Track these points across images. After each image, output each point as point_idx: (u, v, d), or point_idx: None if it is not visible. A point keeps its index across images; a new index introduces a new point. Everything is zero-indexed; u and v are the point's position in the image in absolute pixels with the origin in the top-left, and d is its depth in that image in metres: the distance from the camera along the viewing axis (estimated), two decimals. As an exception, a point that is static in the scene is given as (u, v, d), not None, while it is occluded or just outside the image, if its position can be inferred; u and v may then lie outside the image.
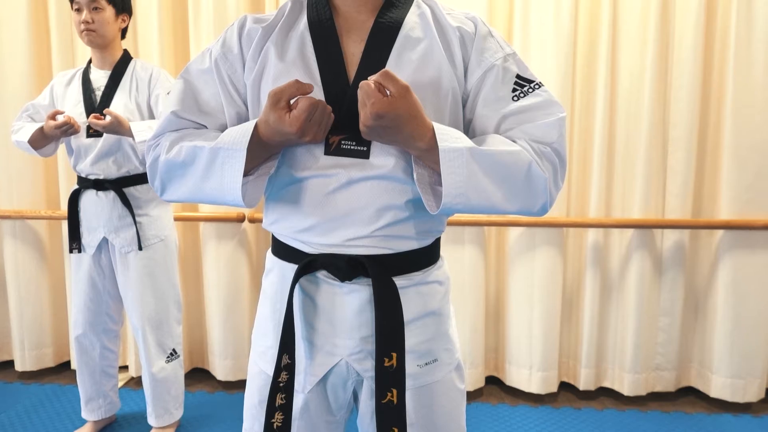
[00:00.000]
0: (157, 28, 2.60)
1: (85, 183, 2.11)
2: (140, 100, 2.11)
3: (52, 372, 2.88)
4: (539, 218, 2.37)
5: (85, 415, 2.29)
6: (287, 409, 0.94)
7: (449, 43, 0.95)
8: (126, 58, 2.14)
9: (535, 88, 0.94)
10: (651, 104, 2.40)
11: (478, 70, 0.94)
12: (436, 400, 1.00)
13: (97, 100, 2.08)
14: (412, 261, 0.97)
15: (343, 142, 0.91)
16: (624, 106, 2.46)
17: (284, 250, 0.99)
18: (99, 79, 2.11)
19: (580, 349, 2.60)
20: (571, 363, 2.68)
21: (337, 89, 0.92)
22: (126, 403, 2.53)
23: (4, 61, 2.69)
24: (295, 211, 0.95)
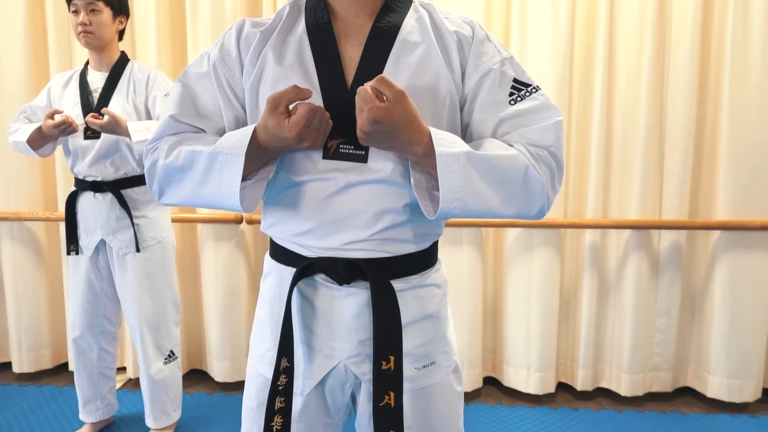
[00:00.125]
0: (155, 29, 2.60)
1: (83, 185, 2.10)
2: (137, 102, 2.11)
3: (50, 374, 2.87)
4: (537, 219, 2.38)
5: (83, 417, 2.29)
6: (286, 413, 0.95)
7: (447, 48, 0.95)
8: (123, 60, 2.14)
9: (532, 92, 0.95)
10: (648, 106, 2.41)
11: (475, 74, 0.95)
12: (434, 403, 1.00)
13: (95, 102, 2.08)
14: (410, 264, 0.97)
15: (341, 146, 0.91)
16: (621, 107, 2.46)
17: (282, 253, 1.00)
18: (96, 80, 2.11)
19: (578, 350, 2.61)
20: (568, 363, 2.68)
21: (336, 93, 0.92)
22: (124, 405, 2.52)
23: (1, 63, 2.68)
24: (293, 215, 0.95)
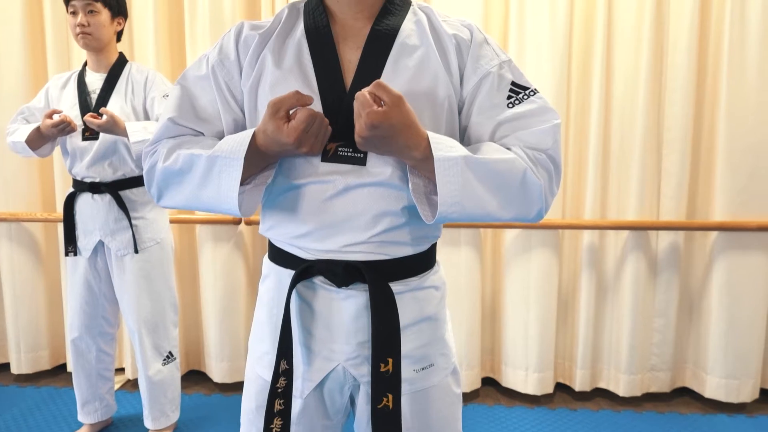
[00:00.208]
0: (153, 31, 2.60)
1: (81, 186, 2.10)
2: (136, 103, 2.11)
3: (48, 375, 2.87)
4: (535, 220, 2.39)
5: (82, 418, 2.29)
6: (286, 415, 0.95)
7: (445, 51, 0.95)
8: (121, 61, 2.14)
9: (530, 95, 0.95)
10: (645, 107, 2.41)
11: (473, 78, 0.95)
12: (433, 405, 1.01)
13: (93, 103, 2.08)
14: (409, 267, 0.98)
15: (340, 149, 0.91)
16: (619, 108, 2.47)
17: (281, 255, 1.00)
18: (94, 82, 2.11)
19: (576, 350, 2.61)
20: (566, 364, 2.69)
21: (334, 96, 0.92)
22: (122, 406, 2.52)
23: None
24: (292, 218, 0.95)
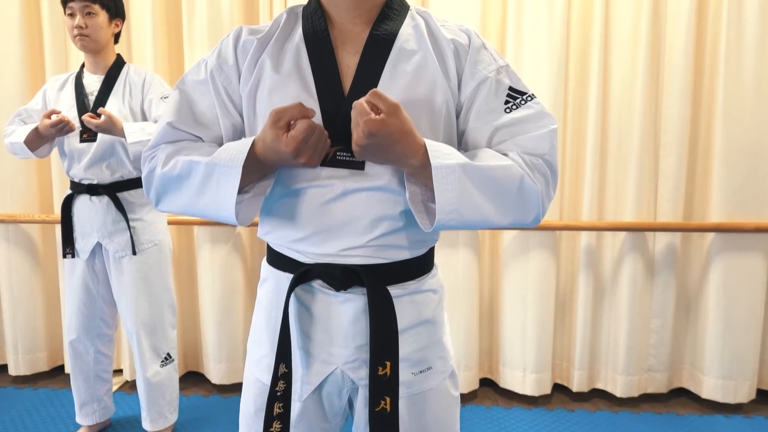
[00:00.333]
0: (151, 32, 2.59)
1: (79, 188, 2.10)
2: (133, 105, 2.11)
3: (46, 376, 2.87)
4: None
5: (80, 420, 2.29)
6: (285, 418, 0.95)
7: (443, 56, 0.95)
8: (119, 63, 2.14)
9: (527, 100, 0.95)
10: (643, 108, 2.42)
11: (471, 83, 0.95)
12: (431, 408, 1.01)
13: (91, 105, 2.08)
14: (407, 270, 0.98)
15: (338, 153, 0.91)
16: (616, 110, 2.48)
17: (279, 259, 1.00)
18: (92, 83, 2.11)
19: (574, 351, 2.62)
20: (564, 365, 2.70)
21: (333, 101, 0.92)
22: (120, 408, 2.52)
23: (-3, 65, 2.68)
24: (290, 221, 0.95)
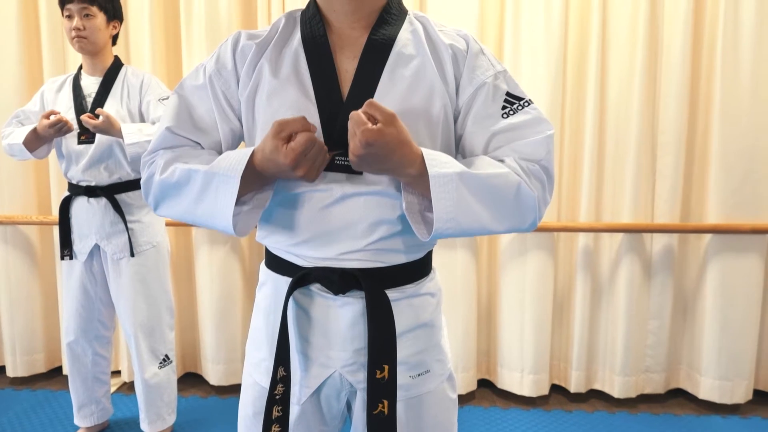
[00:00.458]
0: (149, 34, 2.59)
1: (77, 190, 2.10)
2: (131, 107, 2.11)
3: (44, 377, 2.87)
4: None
5: (78, 422, 2.29)
6: (284, 422, 0.95)
7: (441, 61, 0.96)
8: (117, 65, 2.14)
9: (524, 106, 0.96)
10: (640, 110, 2.43)
11: (469, 88, 0.95)
12: (429, 411, 1.01)
13: (88, 107, 2.08)
14: (405, 274, 0.98)
15: (336, 158, 0.91)
16: (614, 111, 2.48)
17: (278, 263, 1.00)
18: (90, 85, 2.11)
19: (571, 352, 2.63)
20: (562, 366, 2.70)
21: (331, 106, 0.93)
22: (119, 409, 2.52)
23: (-5, 67, 2.68)
24: (288, 226, 0.96)
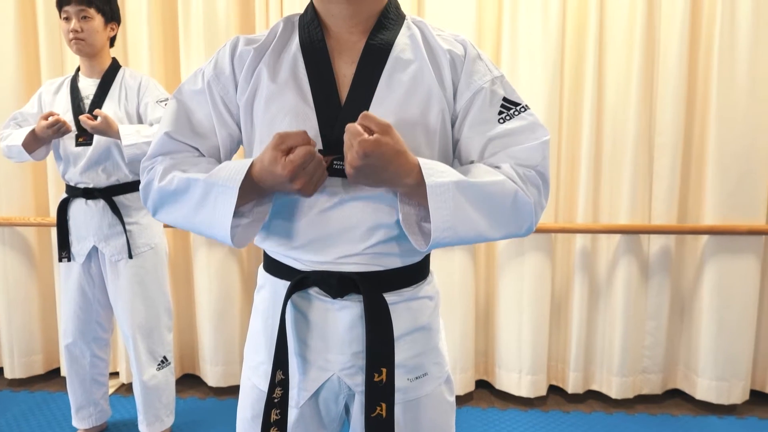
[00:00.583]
0: (147, 36, 2.59)
1: (75, 191, 2.10)
2: (129, 109, 2.11)
3: (42, 379, 2.87)
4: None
5: (76, 424, 2.29)
6: (282, 425, 0.96)
7: (439, 65, 0.96)
8: (115, 67, 2.14)
9: (520, 111, 0.96)
10: (637, 112, 2.43)
11: (467, 93, 0.96)
12: (426, 414, 1.02)
13: (86, 109, 2.08)
14: (403, 277, 0.99)
15: (335, 162, 0.92)
16: (611, 114, 2.49)
17: (276, 266, 1.01)
18: (87, 87, 2.11)
19: (569, 353, 2.63)
20: (559, 367, 2.71)
21: (329, 111, 0.93)
22: (117, 410, 2.52)
23: (-7, 68, 2.68)
24: (287, 229, 0.96)
